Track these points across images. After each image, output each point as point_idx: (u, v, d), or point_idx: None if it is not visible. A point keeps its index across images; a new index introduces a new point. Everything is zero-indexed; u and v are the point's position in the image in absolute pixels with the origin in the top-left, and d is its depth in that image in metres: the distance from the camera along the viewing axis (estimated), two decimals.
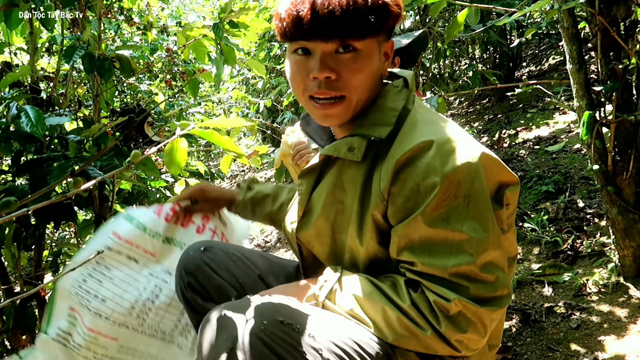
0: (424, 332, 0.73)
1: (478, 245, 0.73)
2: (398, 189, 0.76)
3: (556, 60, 4.86)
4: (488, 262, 0.74)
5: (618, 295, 1.55)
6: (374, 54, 0.80)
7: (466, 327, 0.73)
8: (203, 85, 5.84)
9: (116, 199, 1.60)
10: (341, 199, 0.86)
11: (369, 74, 0.80)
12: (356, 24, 0.74)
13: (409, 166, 0.75)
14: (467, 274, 0.73)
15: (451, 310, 0.72)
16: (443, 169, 0.72)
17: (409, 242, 0.76)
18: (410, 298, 0.75)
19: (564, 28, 1.48)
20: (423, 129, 0.78)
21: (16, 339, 1.44)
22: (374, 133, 0.80)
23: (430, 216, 0.73)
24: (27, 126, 1.11)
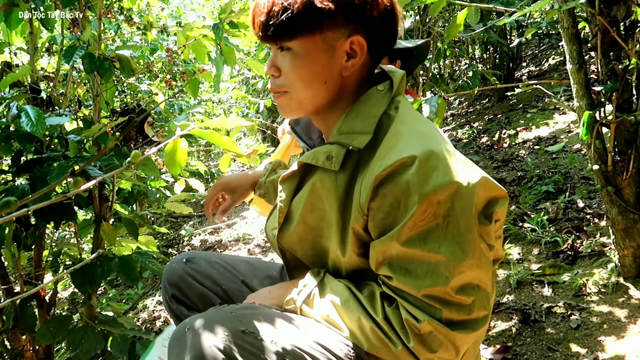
0: (395, 346, 0.74)
1: (454, 267, 0.71)
2: (378, 204, 0.74)
3: (556, 60, 4.86)
4: (465, 284, 0.72)
5: (618, 295, 1.55)
6: (314, 53, 0.78)
7: (436, 348, 0.72)
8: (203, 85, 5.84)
9: (116, 198, 1.60)
10: (320, 207, 0.84)
11: (307, 73, 0.79)
12: (279, 26, 0.76)
13: (388, 182, 0.72)
14: (440, 297, 0.72)
15: (422, 330, 0.72)
16: (423, 188, 0.70)
17: (386, 258, 0.75)
18: (383, 312, 0.75)
19: (564, 28, 1.48)
20: (406, 141, 0.74)
21: (16, 339, 1.44)
22: (352, 142, 0.78)
23: (407, 235, 0.72)
24: (27, 126, 1.11)
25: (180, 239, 4.09)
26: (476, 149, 3.51)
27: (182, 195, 1.83)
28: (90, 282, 1.28)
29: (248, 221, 3.94)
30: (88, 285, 1.28)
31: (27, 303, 1.40)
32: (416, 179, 0.70)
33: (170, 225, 4.73)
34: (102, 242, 1.48)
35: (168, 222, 4.83)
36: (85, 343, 1.31)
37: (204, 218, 4.68)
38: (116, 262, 1.33)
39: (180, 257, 1.10)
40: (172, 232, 4.36)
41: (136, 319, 2.55)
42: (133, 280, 1.32)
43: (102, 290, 3.28)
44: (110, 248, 1.47)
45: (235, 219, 4.07)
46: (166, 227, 4.64)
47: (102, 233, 1.44)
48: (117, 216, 1.60)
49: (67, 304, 2.84)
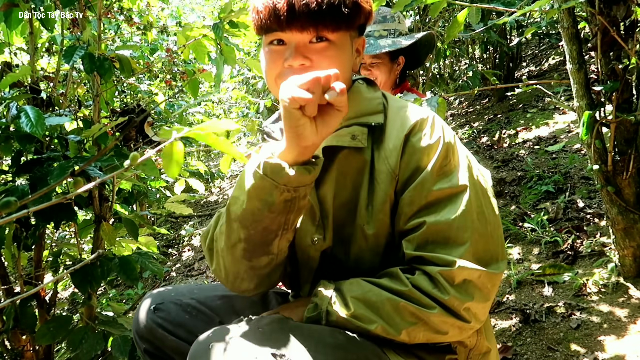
0: (431, 311, 0.73)
1: (478, 202, 0.79)
2: (406, 160, 0.82)
3: (556, 60, 4.86)
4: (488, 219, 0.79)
5: (618, 295, 1.55)
6: (346, 47, 0.85)
7: (473, 294, 0.74)
8: (203, 85, 5.84)
9: (116, 199, 1.60)
10: (345, 190, 0.85)
11: (340, 64, 0.83)
12: (330, 17, 0.79)
13: (413, 138, 0.82)
14: (472, 231, 0.76)
15: (457, 278, 0.73)
16: (443, 136, 0.82)
17: (415, 208, 0.80)
18: (409, 282, 0.76)
19: (564, 28, 1.48)
20: (413, 111, 0.86)
21: (16, 339, 1.44)
22: (371, 120, 0.85)
23: (435, 179, 0.79)
24: (27, 126, 1.11)
25: (180, 239, 4.09)
26: (476, 149, 3.51)
27: (182, 195, 1.83)
28: (90, 282, 1.28)
29: None
30: (88, 285, 1.28)
31: (27, 303, 1.40)
32: (434, 131, 0.82)
33: (170, 226, 4.73)
34: (102, 242, 1.48)
35: (168, 223, 4.83)
36: (86, 343, 1.31)
37: (204, 218, 4.68)
38: (116, 262, 1.33)
39: (147, 305, 0.99)
40: (172, 232, 4.36)
41: None
42: (133, 280, 1.32)
43: (102, 290, 3.28)
44: (110, 248, 1.47)
45: None
46: (166, 227, 4.64)
47: (102, 233, 1.44)
48: (117, 216, 1.60)
49: (67, 304, 2.84)
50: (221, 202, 5.29)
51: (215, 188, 6.33)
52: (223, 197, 5.52)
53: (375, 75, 1.84)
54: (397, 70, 1.87)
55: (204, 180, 5.52)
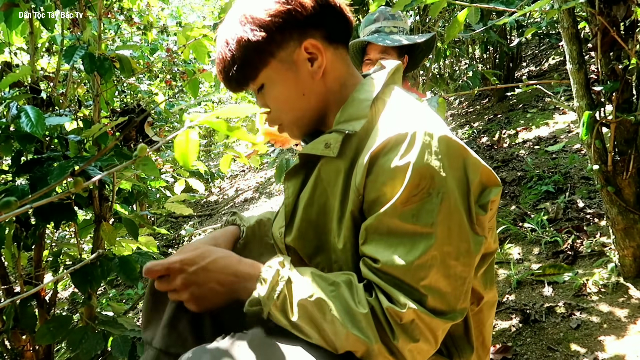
0: (374, 344, 0.68)
1: (445, 249, 0.69)
2: (372, 181, 0.73)
3: (556, 60, 4.86)
4: (452, 270, 0.70)
5: (618, 295, 1.55)
6: (280, 77, 0.83)
7: (418, 337, 0.68)
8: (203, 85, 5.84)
9: (116, 199, 1.60)
10: (322, 199, 0.83)
11: (284, 96, 0.84)
12: (239, 77, 0.83)
13: (382, 157, 0.72)
14: (428, 281, 0.68)
15: (404, 318, 0.67)
16: (416, 162, 0.69)
17: (376, 234, 0.72)
18: (368, 303, 0.69)
19: (564, 28, 1.48)
20: (399, 121, 0.74)
21: (16, 339, 1.44)
22: (347, 127, 0.79)
23: (400, 210, 0.70)
24: (27, 126, 1.11)
25: (180, 239, 4.09)
26: (476, 149, 3.51)
27: (182, 195, 1.83)
28: (90, 282, 1.28)
29: None
30: (88, 285, 1.28)
31: (27, 303, 1.40)
32: (409, 154, 0.70)
33: (170, 226, 4.73)
34: (102, 242, 1.48)
35: (168, 223, 4.83)
36: (86, 343, 1.31)
37: (204, 218, 4.68)
38: (116, 262, 1.33)
39: None
40: (172, 232, 4.36)
41: (136, 319, 2.55)
42: (133, 280, 1.32)
43: (102, 290, 3.28)
44: (110, 248, 1.47)
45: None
46: (166, 227, 4.64)
47: (102, 233, 1.44)
48: (117, 216, 1.60)
49: (67, 304, 2.84)
50: (221, 202, 5.29)
51: (215, 188, 6.33)
52: (223, 197, 5.52)
53: None
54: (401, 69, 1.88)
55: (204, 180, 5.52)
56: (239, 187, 5.65)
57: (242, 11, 0.81)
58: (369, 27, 1.90)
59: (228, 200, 5.17)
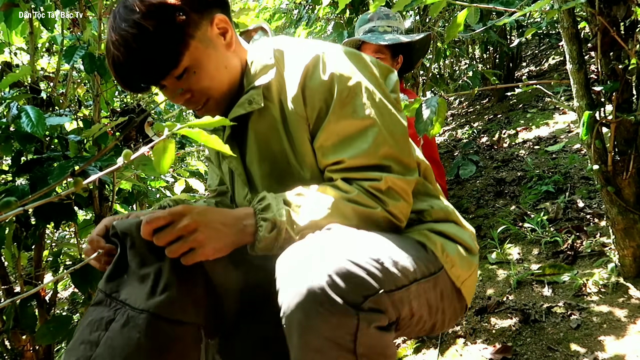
0: (375, 209, 0.82)
1: (387, 128, 0.84)
2: (309, 103, 0.85)
3: (556, 60, 4.86)
4: (398, 140, 0.85)
5: (618, 295, 1.55)
6: (202, 56, 0.84)
7: (398, 198, 0.84)
8: None
9: (116, 199, 1.60)
10: (269, 148, 0.91)
11: (211, 73, 0.86)
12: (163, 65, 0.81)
13: (308, 81, 0.84)
14: (387, 154, 0.84)
15: (382, 188, 0.82)
16: (336, 71, 0.83)
17: (330, 145, 0.84)
18: (354, 189, 0.82)
19: (564, 28, 1.48)
20: (305, 51, 0.87)
21: (16, 338, 1.44)
22: (262, 80, 0.88)
23: (340, 114, 0.83)
24: (28, 126, 1.11)
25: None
26: (476, 149, 3.51)
27: (182, 195, 1.83)
28: (90, 282, 1.28)
29: None
30: (88, 285, 1.28)
31: (27, 303, 1.40)
32: (327, 69, 0.84)
33: None
34: None
35: None
36: None
37: None
38: None
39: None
40: None
41: None
42: None
43: None
44: None
45: None
46: None
47: None
48: None
49: (67, 304, 2.84)
50: None
51: None
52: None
53: None
54: (396, 69, 1.88)
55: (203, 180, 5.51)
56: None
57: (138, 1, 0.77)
58: (363, 27, 1.91)
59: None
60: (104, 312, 0.76)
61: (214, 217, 0.77)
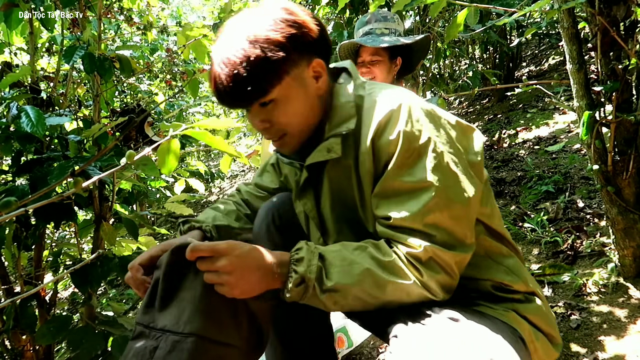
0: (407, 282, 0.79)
1: (445, 195, 0.81)
2: (377, 159, 0.86)
3: (556, 60, 4.86)
4: (454, 212, 0.81)
5: (618, 295, 1.55)
6: (292, 92, 0.87)
7: (439, 270, 0.80)
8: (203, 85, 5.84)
9: (116, 199, 1.60)
10: (341, 197, 0.93)
11: (295, 110, 0.89)
12: (253, 91, 0.83)
13: (379, 139, 0.85)
14: (435, 223, 0.80)
15: (423, 257, 0.79)
16: (404, 130, 0.82)
17: (383, 198, 0.85)
18: (392, 253, 0.81)
19: (564, 28, 1.48)
20: (381, 104, 0.87)
21: (16, 338, 1.44)
22: (342, 129, 0.89)
23: (398, 172, 0.82)
24: (28, 126, 1.11)
25: None
26: None
27: (182, 195, 1.83)
28: (90, 282, 1.28)
29: None
30: (88, 285, 1.28)
31: (27, 303, 1.40)
32: (396, 126, 0.83)
33: (170, 226, 4.72)
34: (102, 242, 1.48)
35: (168, 223, 4.83)
36: (86, 343, 1.31)
37: None
38: (116, 262, 1.33)
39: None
40: (172, 232, 4.35)
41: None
42: None
43: (102, 290, 3.28)
44: (110, 248, 1.47)
45: None
46: (166, 227, 4.64)
47: (102, 233, 1.45)
48: (117, 216, 1.60)
49: (67, 304, 2.84)
50: None
51: (215, 188, 6.33)
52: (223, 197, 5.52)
53: (374, 73, 1.85)
54: (395, 71, 1.88)
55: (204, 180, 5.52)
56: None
57: (247, 32, 0.83)
58: (361, 29, 1.91)
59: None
60: (147, 343, 0.80)
61: (251, 264, 0.79)
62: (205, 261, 0.78)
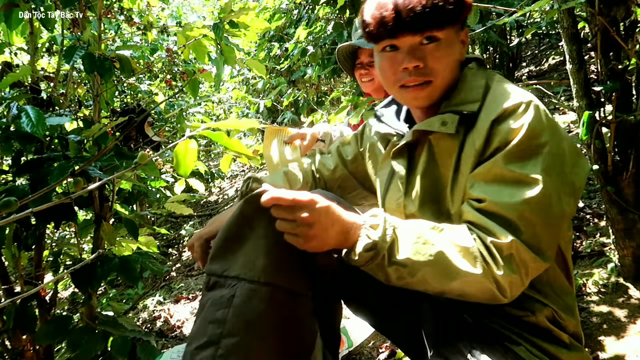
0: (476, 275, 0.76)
1: (547, 198, 0.78)
2: (489, 142, 0.83)
3: (556, 60, 4.86)
4: (548, 220, 0.78)
5: (618, 295, 1.55)
6: (454, 42, 0.89)
7: (515, 270, 0.76)
8: (203, 85, 5.84)
9: (116, 198, 1.60)
10: (435, 171, 0.93)
11: (450, 60, 0.89)
12: (435, 17, 0.84)
13: (501, 122, 0.83)
14: (527, 219, 0.77)
15: (505, 251, 0.76)
16: (530, 123, 0.80)
17: (482, 180, 0.82)
18: (472, 240, 0.78)
19: (563, 28, 1.48)
20: (512, 95, 0.85)
21: (16, 339, 1.44)
22: (465, 108, 0.89)
23: (508, 161, 0.80)
24: (28, 126, 1.11)
25: (180, 239, 4.09)
26: None
27: (182, 195, 1.83)
28: (90, 282, 1.28)
29: None
30: (88, 285, 1.28)
31: (27, 303, 1.40)
32: (525, 116, 0.81)
33: (170, 226, 4.73)
34: (102, 242, 1.48)
35: (168, 223, 4.83)
36: (86, 343, 1.31)
37: (204, 218, 4.68)
38: (116, 262, 1.33)
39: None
40: (172, 232, 4.36)
41: (136, 319, 2.55)
42: (133, 280, 1.32)
43: (102, 290, 3.28)
44: (110, 248, 1.47)
45: None
46: (166, 227, 4.64)
47: (102, 233, 1.45)
48: (117, 216, 1.60)
49: (67, 304, 2.84)
50: (221, 202, 5.29)
51: (215, 188, 6.33)
52: (223, 197, 5.52)
53: (373, 74, 1.85)
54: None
55: (204, 180, 5.52)
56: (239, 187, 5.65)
57: None
58: (358, 32, 1.90)
59: (228, 200, 5.17)
60: (223, 291, 0.80)
61: (331, 219, 0.78)
62: (284, 209, 0.76)
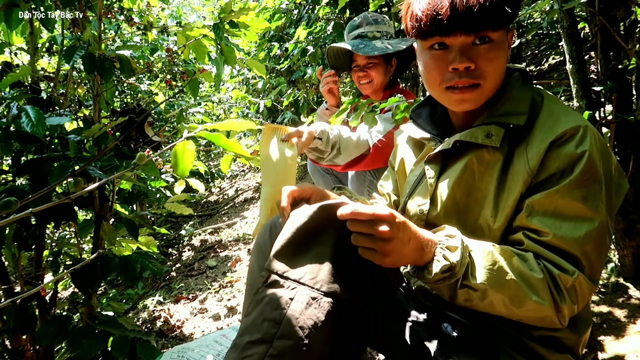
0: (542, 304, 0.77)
1: (603, 228, 0.80)
2: (546, 164, 0.82)
3: (556, 60, 4.86)
4: (603, 248, 0.81)
5: (618, 295, 1.55)
6: (504, 44, 0.86)
7: (575, 300, 0.79)
8: (203, 85, 5.84)
9: (116, 198, 1.60)
10: (471, 182, 0.91)
11: (501, 63, 0.86)
12: (493, 17, 0.81)
13: (560, 145, 0.81)
14: (589, 254, 0.79)
15: (569, 284, 0.77)
16: (590, 151, 0.80)
17: (542, 210, 0.81)
18: (541, 271, 0.78)
19: (564, 28, 1.48)
20: (567, 115, 0.84)
21: (16, 339, 1.44)
22: (511, 121, 0.87)
23: (571, 191, 0.79)
24: (28, 126, 1.11)
25: (180, 239, 4.09)
26: None
27: (182, 195, 1.83)
28: (90, 282, 1.28)
29: (248, 221, 3.94)
30: (88, 285, 1.28)
31: (27, 303, 1.40)
32: (582, 144, 0.80)
33: (170, 226, 4.72)
34: (102, 242, 1.48)
35: (168, 223, 4.83)
36: (86, 343, 1.31)
37: (204, 218, 4.68)
38: (116, 262, 1.32)
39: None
40: (172, 232, 4.36)
41: (136, 319, 2.55)
42: (133, 280, 1.32)
43: (102, 290, 3.28)
44: (110, 248, 1.47)
45: (236, 219, 4.07)
46: (166, 227, 4.64)
47: (102, 233, 1.45)
48: (117, 216, 1.60)
49: (67, 304, 2.84)
50: (221, 202, 5.29)
51: (215, 188, 6.33)
52: (223, 197, 5.52)
53: (371, 76, 1.85)
54: (391, 72, 1.89)
55: (204, 180, 5.52)
56: (239, 187, 5.65)
57: None
58: (352, 33, 1.90)
59: (228, 200, 5.17)
60: (282, 292, 0.79)
61: (408, 236, 0.77)
62: (361, 224, 0.75)
